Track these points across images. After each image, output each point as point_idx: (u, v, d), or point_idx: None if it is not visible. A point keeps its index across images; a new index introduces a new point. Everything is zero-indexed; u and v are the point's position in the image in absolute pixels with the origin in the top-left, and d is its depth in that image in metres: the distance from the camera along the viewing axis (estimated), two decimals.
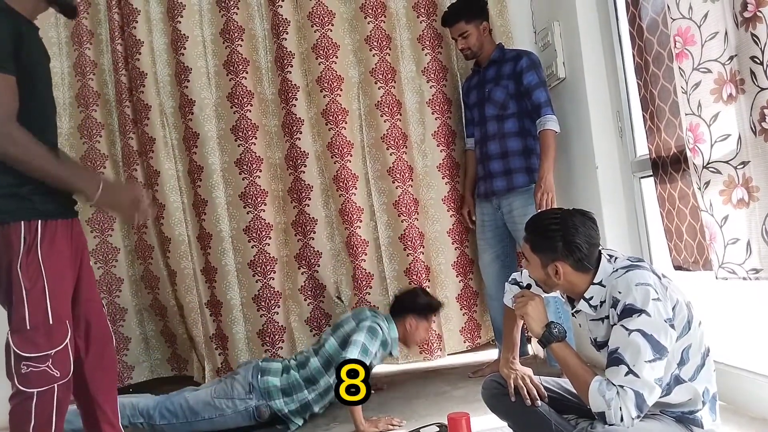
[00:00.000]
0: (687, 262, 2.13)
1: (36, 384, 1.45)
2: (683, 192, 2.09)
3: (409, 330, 2.47)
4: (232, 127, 2.90)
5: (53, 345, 1.47)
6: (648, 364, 1.30)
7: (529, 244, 1.53)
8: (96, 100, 2.98)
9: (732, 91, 1.68)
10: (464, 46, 2.67)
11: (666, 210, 2.26)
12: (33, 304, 1.46)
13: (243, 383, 2.30)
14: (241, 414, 2.27)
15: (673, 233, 2.23)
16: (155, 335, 3.04)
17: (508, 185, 2.60)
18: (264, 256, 2.90)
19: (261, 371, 2.33)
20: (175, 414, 2.24)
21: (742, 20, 1.59)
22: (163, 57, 2.95)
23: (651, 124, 2.29)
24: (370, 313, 2.43)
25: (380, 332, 2.33)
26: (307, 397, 2.32)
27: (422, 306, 2.50)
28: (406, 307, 2.49)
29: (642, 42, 2.26)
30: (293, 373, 2.34)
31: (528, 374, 1.68)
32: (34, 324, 1.45)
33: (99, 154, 2.96)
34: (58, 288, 1.50)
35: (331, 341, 2.38)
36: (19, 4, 1.52)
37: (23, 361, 1.45)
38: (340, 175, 2.89)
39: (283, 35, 2.91)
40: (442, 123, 3.00)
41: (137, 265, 3.01)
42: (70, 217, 1.62)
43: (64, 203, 1.59)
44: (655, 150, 2.28)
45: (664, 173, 2.22)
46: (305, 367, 2.35)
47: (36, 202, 1.50)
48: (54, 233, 1.52)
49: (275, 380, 2.31)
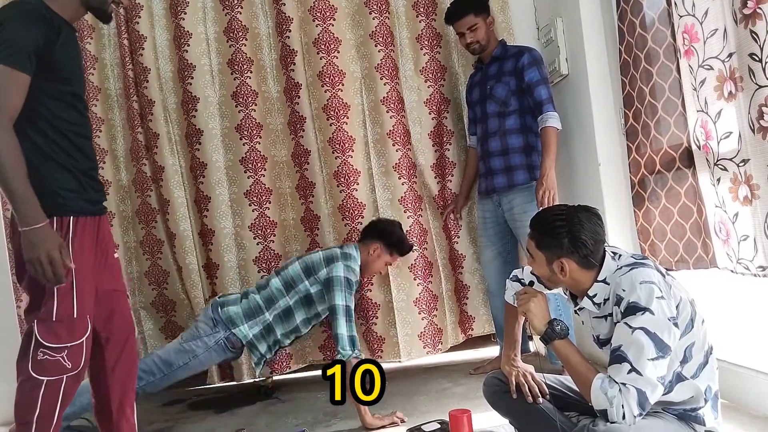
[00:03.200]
0: (667, 261, 2.13)
1: (48, 372, 1.50)
2: (674, 191, 2.08)
3: (370, 256, 2.51)
4: (236, 126, 2.90)
5: (73, 338, 1.52)
6: (651, 362, 1.30)
7: (534, 240, 1.52)
8: (96, 95, 2.98)
9: (732, 89, 1.68)
10: (473, 40, 2.63)
11: (644, 209, 2.25)
12: (61, 298, 1.50)
13: (206, 320, 2.38)
14: (213, 349, 2.34)
15: (650, 233, 2.23)
16: (153, 334, 3.04)
17: (509, 182, 2.60)
18: (269, 253, 2.91)
19: (220, 304, 2.41)
20: (151, 372, 2.28)
21: (742, 17, 1.58)
22: (166, 53, 2.95)
23: (634, 122, 2.28)
24: (340, 253, 2.45)
25: (353, 279, 2.37)
26: (268, 319, 2.39)
27: (395, 238, 2.54)
28: (379, 233, 2.53)
29: (633, 38, 2.25)
30: (252, 296, 2.43)
31: (529, 371, 1.68)
32: (60, 317, 1.50)
33: (99, 149, 2.97)
34: (84, 283, 1.55)
35: (295, 266, 2.46)
36: (61, 8, 1.58)
37: (41, 348, 1.49)
38: (341, 170, 2.89)
39: (287, 33, 2.90)
40: (438, 123, 3.01)
41: (143, 260, 3.01)
42: (99, 214, 1.67)
43: (93, 200, 1.64)
44: (637, 149, 2.27)
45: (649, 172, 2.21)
46: (265, 288, 2.45)
47: (68, 198, 1.54)
48: (84, 230, 1.57)
49: (235, 308, 2.39)
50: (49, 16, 1.53)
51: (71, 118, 1.59)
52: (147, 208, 2.96)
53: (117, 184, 3.02)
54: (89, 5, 1.64)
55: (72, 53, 1.61)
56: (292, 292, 2.42)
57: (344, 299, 2.30)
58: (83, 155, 1.61)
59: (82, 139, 1.62)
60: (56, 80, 1.54)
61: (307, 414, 2.44)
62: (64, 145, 1.56)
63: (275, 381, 2.89)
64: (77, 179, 1.58)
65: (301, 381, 3.01)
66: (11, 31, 1.45)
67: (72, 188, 1.56)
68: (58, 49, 1.52)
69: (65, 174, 1.55)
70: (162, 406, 2.76)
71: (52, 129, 1.54)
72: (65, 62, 1.56)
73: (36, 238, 1.43)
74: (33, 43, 1.46)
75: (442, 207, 3.02)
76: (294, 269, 2.45)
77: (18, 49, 1.44)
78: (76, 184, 1.58)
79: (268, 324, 2.40)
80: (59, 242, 1.46)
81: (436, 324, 2.91)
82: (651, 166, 2.20)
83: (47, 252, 1.42)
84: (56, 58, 1.52)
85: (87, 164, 1.62)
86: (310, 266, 2.44)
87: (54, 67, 1.52)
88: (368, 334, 2.88)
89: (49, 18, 1.53)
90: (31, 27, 1.48)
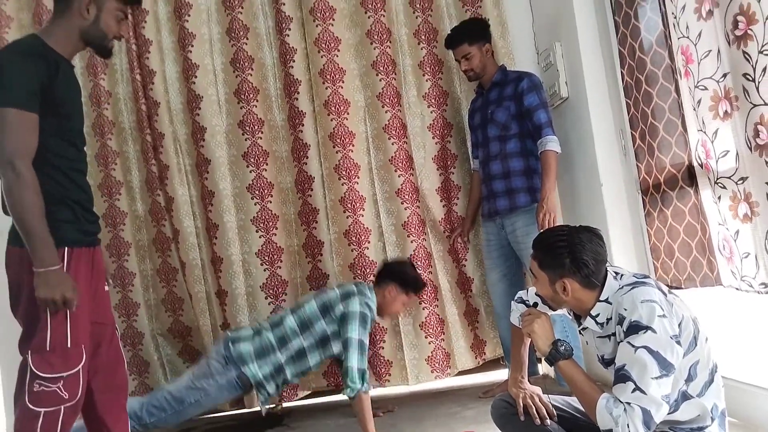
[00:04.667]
0: (677, 280, 2.13)
1: (45, 403, 1.50)
2: (678, 209, 2.10)
3: (387, 298, 2.48)
4: (243, 154, 2.96)
5: (68, 368, 1.52)
6: (655, 380, 1.30)
7: (536, 261, 1.53)
8: (111, 129, 3.05)
9: (727, 108, 1.70)
10: (467, 68, 2.72)
11: (655, 228, 2.26)
12: (54, 328, 1.51)
13: (217, 358, 2.34)
14: (225, 387, 2.30)
15: (661, 251, 2.23)
16: (172, 359, 3.06)
17: (511, 205, 2.63)
18: (276, 279, 2.93)
19: (232, 341, 2.36)
20: (162, 408, 2.26)
21: (734, 38, 1.62)
22: (175, 85, 3.03)
23: (641, 143, 2.31)
24: (356, 289, 2.43)
25: (368, 314, 2.35)
26: (279, 360, 2.33)
27: (409, 279, 2.52)
28: (393, 274, 2.51)
29: (633, 62, 2.29)
30: (265, 334, 2.37)
31: (537, 393, 1.68)
32: (53, 346, 1.51)
33: (115, 182, 3.03)
34: (78, 313, 1.55)
35: (311, 304, 2.41)
36: (59, 44, 1.60)
37: (37, 380, 1.49)
38: (347, 195, 2.93)
39: (290, 63, 2.98)
40: (442, 147, 3.05)
41: (160, 288, 3.04)
42: (93, 246, 1.68)
43: (87, 231, 1.65)
44: (645, 169, 2.29)
45: (656, 192, 2.23)
46: (279, 326, 2.39)
47: (63, 230, 1.55)
48: (78, 260, 1.58)
49: (247, 345, 2.34)
50: (47, 54, 1.55)
51: (69, 154, 1.61)
52: (162, 236, 3.01)
53: (132, 214, 3.07)
54: (88, 41, 1.65)
55: (71, 88, 1.64)
56: (307, 333, 2.37)
57: (358, 333, 2.28)
58: (78, 187, 1.63)
59: (77, 173, 1.64)
60: (57, 116, 1.56)
61: None
62: (60, 179, 1.58)
63: (284, 408, 2.89)
64: (72, 210, 1.60)
65: (310, 408, 3.01)
66: (14, 73, 1.48)
67: (67, 219, 1.58)
68: (58, 85, 1.55)
69: (61, 207, 1.57)
70: None
71: (49, 165, 1.56)
72: (65, 98, 1.59)
73: (52, 280, 1.47)
74: (36, 82, 1.49)
75: (449, 230, 3.04)
76: (311, 308, 2.40)
77: (23, 90, 1.47)
78: (71, 215, 1.59)
79: (279, 365, 2.35)
80: (73, 284, 1.50)
81: (444, 348, 2.91)
82: (657, 185, 2.23)
83: (62, 294, 1.47)
84: (57, 95, 1.55)
85: (81, 196, 1.64)
86: (327, 304, 2.39)
87: (55, 104, 1.55)
88: (375, 358, 2.88)
89: (47, 56, 1.55)
90: (32, 66, 1.50)
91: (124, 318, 3.00)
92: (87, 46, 1.68)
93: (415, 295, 2.60)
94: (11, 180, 1.46)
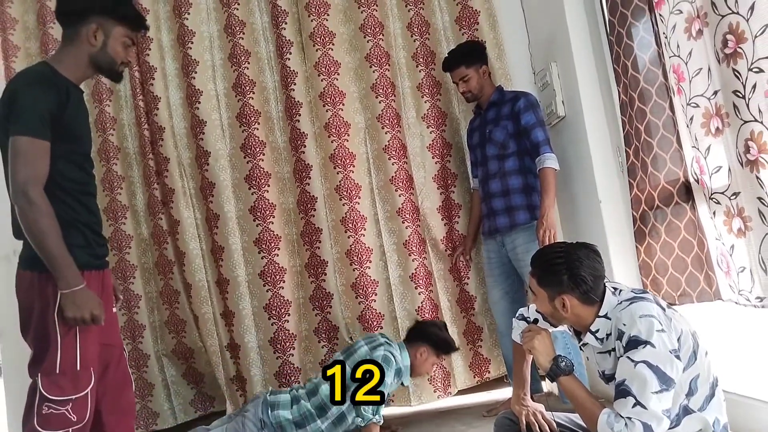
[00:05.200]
0: (670, 296, 2.14)
1: (53, 426, 1.51)
2: (673, 225, 2.11)
3: (419, 359, 2.46)
4: (246, 176, 3.00)
5: (77, 390, 1.54)
6: (655, 395, 1.31)
7: (535, 278, 1.56)
8: (116, 154, 3.11)
9: (719, 125, 1.73)
10: (465, 90, 2.77)
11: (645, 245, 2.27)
12: (65, 350, 1.53)
13: (254, 420, 2.29)
14: None
15: (651, 268, 2.24)
16: (177, 380, 3.07)
17: (511, 222, 2.65)
18: (279, 299, 2.95)
19: (270, 406, 2.32)
20: None
21: (723, 56, 1.66)
22: (179, 111, 3.09)
23: (635, 159, 2.34)
24: (383, 339, 2.43)
25: (394, 361, 2.33)
26: (320, 427, 2.30)
27: (440, 340, 2.50)
28: (425, 336, 2.49)
29: (627, 79, 2.33)
30: (303, 404, 2.33)
31: (539, 410, 1.69)
32: (63, 369, 1.53)
33: (120, 205, 3.08)
34: (87, 335, 1.58)
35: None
36: (69, 71, 1.65)
37: (46, 402, 1.51)
38: (348, 215, 2.96)
39: (292, 86, 3.03)
40: (442, 166, 3.09)
41: (163, 310, 3.07)
42: (103, 268, 1.72)
43: (98, 255, 1.69)
44: (638, 185, 2.31)
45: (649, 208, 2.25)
46: (315, 395, 2.35)
47: (75, 254, 1.57)
48: (89, 283, 1.61)
49: (286, 413, 2.30)
50: (57, 81, 1.59)
51: (79, 178, 1.65)
52: (164, 260, 3.04)
53: (138, 237, 3.11)
54: (99, 67, 1.70)
55: (81, 114, 1.68)
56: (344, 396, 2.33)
57: (387, 376, 2.26)
58: (87, 211, 1.67)
59: (87, 196, 1.68)
60: (68, 141, 1.60)
61: None
62: (70, 202, 1.61)
63: None
64: (83, 234, 1.63)
65: None
66: (26, 101, 1.52)
67: (79, 244, 1.61)
68: (68, 111, 1.59)
69: (72, 230, 1.60)
70: None
71: (60, 189, 1.59)
72: (76, 124, 1.63)
73: (79, 299, 1.51)
74: (47, 110, 1.53)
75: (451, 249, 3.07)
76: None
77: (35, 117, 1.51)
78: (82, 240, 1.62)
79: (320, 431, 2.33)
80: (99, 301, 1.55)
81: (444, 367, 2.91)
82: (650, 201, 2.25)
83: (91, 312, 1.52)
84: (67, 121, 1.59)
85: (91, 219, 1.68)
86: (358, 362, 2.35)
87: (65, 129, 1.58)
88: None
89: (58, 83, 1.59)
90: (42, 94, 1.54)
91: (130, 340, 3.03)
92: (96, 72, 1.73)
93: (445, 356, 2.60)
94: (26, 208, 1.50)
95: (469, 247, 3.03)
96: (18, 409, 1.69)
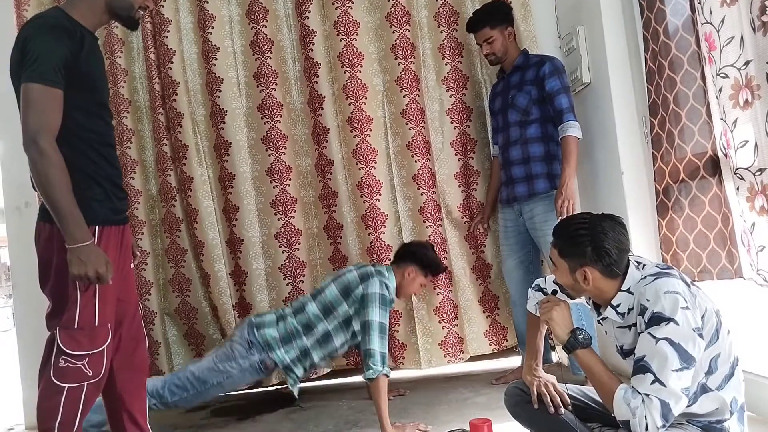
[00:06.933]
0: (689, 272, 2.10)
1: (69, 379, 1.52)
2: (697, 200, 2.05)
3: (406, 278, 2.48)
4: (263, 137, 2.96)
5: (94, 346, 1.54)
6: (675, 373, 1.28)
7: (557, 249, 1.51)
8: (127, 107, 3.06)
9: (748, 97, 1.66)
10: (489, 52, 2.68)
11: (667, 219, 2.22)
12: (83, 306, 1.53)
13: (241, 342, 2.37)
14: (247, 371, 2.35)
15: (673, 243, 2.19)
16: (177, 340, 3.09)
17: (530, 191, 2.60)
18: (294, 261, 2.95)
19: (256, 326, 2.40)
20: (185, 388, 2.31)
21: (760, 24, 1.57)
22: (194, 66, 3.03)
23: (660, 130, 2.26)
24: (374, 270, 2.44)
25: (387, 296, 2.36)
26: (306, 344, 2.37)
27: (429, 260, 2.52)
28: (412, 256, 2.51)
29: (657, 46, 2.23)
30: (290, 320, 2.40)
31: (551, 381, 1.67)
32: (81, 324, 1.53)
33: (130, 160, 3.05)
34: (107, 292, 1.57)
35: (331, 288, 2.43)
36: (83, 17, 1.59)
37: (63, 356, 1.51)
38: (364, 180, 2.92)
39: (310, 46, 2.96)
40: (461, 132, 3.02)
41: (168, 268, 3.07)
42: (123, 224, 1.69)
43: (118, 209, 1.66)
44: (662, 157, 2.24)
45: (673, 181, 2.18)
46: (302, 312, 2.42)
47: (95, 209, 1.56)
48: (108, 239, 1.59)
49: (272, 331, 2.38)
50: (71, 27, 1.54)
51: (97, 128, 1.61)
52: (171, 217, 3.03)
53: (147, 193, 3.09)
54: (114, 12, 1.63)
55: (96, 61, 1.63)
56: (330, 317, 2.39)
57: (379, 315, 2.28)
58: (108, 163, 1.63)
59: (107, 147, 1.64)
60: (83, 90, 1.55)
61: (328, 422, 2.46)
62: (91, 154, 1.58)
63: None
64: (103, 189, 1.60)
65: (322, 389, 3.03)
66: (39, 48, 1.46)
67: (99, 198, 1.58)
68: (83, 59, 1.54)
69: (92, 184, 1.57)
70: (185, 412, 2.81)
71: (79, 140, 1.55)
72: (91, 72, 1.58)
73: (85, 255, 1.46)
74: (61, 57, 1.48)
75: (468, 216, 3.02)
76: (331, 292, 2.42)
77: (48, 65, 1.46)
78: (102, 194, 1.59)
79: (305, 349, 2.38)
80: (106, 259, 1.50)
81: (456, 333, 2.91)
82: (675, 174, 2.18)
83: (95, 270, 1.47)
84: (82, 69, 1.54)
85: (112, 172, 1.64)
86: (347, 286, 2.40)
87: (80, 77, 1.54)
88: (390, 341, 2.88)
89: (72, 29, 1.54)
90: (56, 41, 1.48)
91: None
92: (112, 18, 1.66)
93: (433, 277, 2.61)
94: (36, 158, 1.46)
95: (487, 215, 2.98)
96: (30, 361, 1.71)
